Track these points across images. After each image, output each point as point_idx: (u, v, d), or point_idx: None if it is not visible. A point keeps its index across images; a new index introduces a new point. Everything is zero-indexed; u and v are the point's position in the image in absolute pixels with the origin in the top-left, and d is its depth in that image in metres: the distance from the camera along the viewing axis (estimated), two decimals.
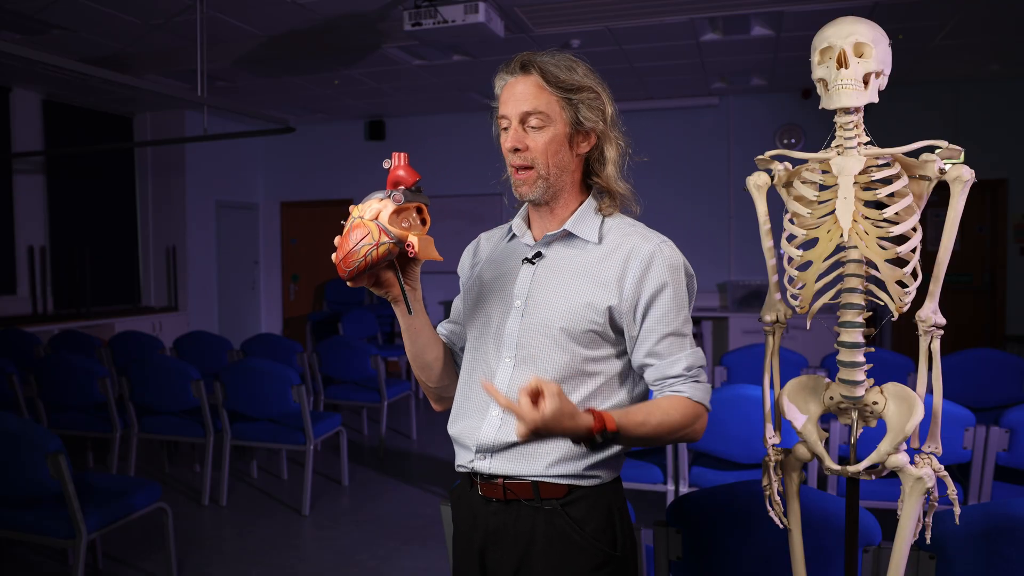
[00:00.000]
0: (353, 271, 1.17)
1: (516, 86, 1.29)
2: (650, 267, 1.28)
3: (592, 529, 1.29)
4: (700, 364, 1.30)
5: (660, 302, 1.28)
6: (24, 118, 6.71)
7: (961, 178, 1.27)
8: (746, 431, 2.89)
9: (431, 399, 1.50)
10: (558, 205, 1.35)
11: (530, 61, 1.29)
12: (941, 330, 1.34)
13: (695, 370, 1.29)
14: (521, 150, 1.29)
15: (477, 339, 1.39)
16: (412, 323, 1.35)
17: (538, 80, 1.28)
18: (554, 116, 1.29)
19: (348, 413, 6.26)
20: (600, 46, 5.54)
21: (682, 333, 1.29)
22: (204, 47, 4.83)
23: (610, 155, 1.35)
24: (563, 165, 1.32)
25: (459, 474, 1.41)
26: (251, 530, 3.85)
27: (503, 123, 1.32)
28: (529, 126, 1.29)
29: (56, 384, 4.25)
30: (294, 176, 8.93)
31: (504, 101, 1.31)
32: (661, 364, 1.29)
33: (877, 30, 1.31)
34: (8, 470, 2.66)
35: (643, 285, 1.28)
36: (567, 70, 1.29)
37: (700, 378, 1.30)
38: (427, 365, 1.42)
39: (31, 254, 6.79)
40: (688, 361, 1.29)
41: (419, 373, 1.44)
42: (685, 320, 1.30)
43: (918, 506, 1.34)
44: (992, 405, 3.59)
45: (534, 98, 1.28)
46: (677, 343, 1.29)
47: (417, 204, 1.21)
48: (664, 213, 6.99)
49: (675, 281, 1.29)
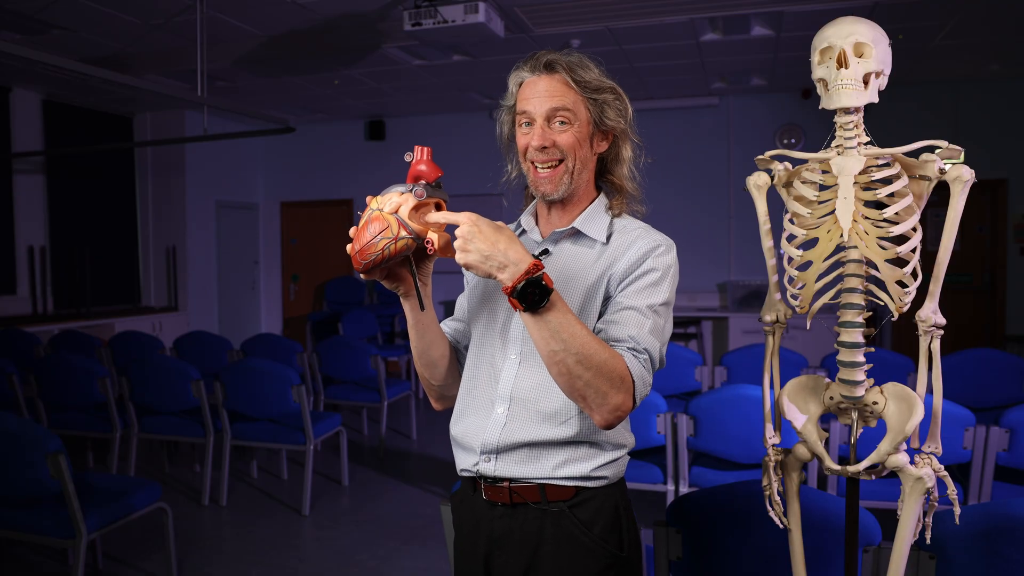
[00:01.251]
0: (369, 264, 1.14)
1: (540, 84, 1.29)
2: (647, 256, 1.28)
3: (600, 530, 1.28)
4: (649, 349, 1.21)
5: (640, 281, 1.26)
6: (24, 118, 6.71)
7: (961, 178, 1.27)
8: (746, 431, 2.89)
9: (432, 398, 1.47)
10: (571, 203, 1.36)
11: (556, 60, 1.29)
12: (941, 330, 1.34)
13: (641, 350, 1.21)
14: (548, 147, 1.28)
15: (482, 336, 1.38)
16: (421, 319, 1.33)
17: (565, 79, 1.28)
18: (579, 115, 1.29)
19: (348, 413, 6.26)
20: (600, 46, 5.54)
21: (645, 314, 1.24)
22: (204, 47, 4.83)
23: (626, 155, 1.36)
24: (584, 162, 1.32)
25: (461, 478, 1.39)
26: (251, 530, 3.85)
27: (523, 119, 1.31)
28: (555, 124, 1.28)
29: (56, 384, 4.25)
30: (294, 176, 8.93)
31: (526, 98, 1.30)
32: (611, 329, 1.23)
33: (877, 30, 1.31)
34: (8, 470, 2.66)
35: (633, 268, 1.28)
36: (588, 70, 1.30)
37: (643, 361, 1.21)
38: (432, 363, 1.40)
39: (31, 254, 6.79)
40: (637, 334, 1.21)
41: (423, 371, 1.42)
42: (653, 308, 1.25)
43: (918, 506, 1.34)
44: (992, 405, 3.59)
45: (562, 96, 1.28)
46: (636, 319, 1.23)
47: (436, 200, 1.19)
48: (664, 213, 7.00)
49: (662, 274, 1.27)
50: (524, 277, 1.08)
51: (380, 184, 1.22)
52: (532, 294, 1.08)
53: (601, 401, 1.15)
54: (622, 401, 1.16)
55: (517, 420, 1.29)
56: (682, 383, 4.14)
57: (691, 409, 3.03)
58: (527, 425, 1.28)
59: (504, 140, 1.40)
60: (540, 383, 1.29)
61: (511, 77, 1.34)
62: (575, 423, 1.27)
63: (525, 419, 1.28)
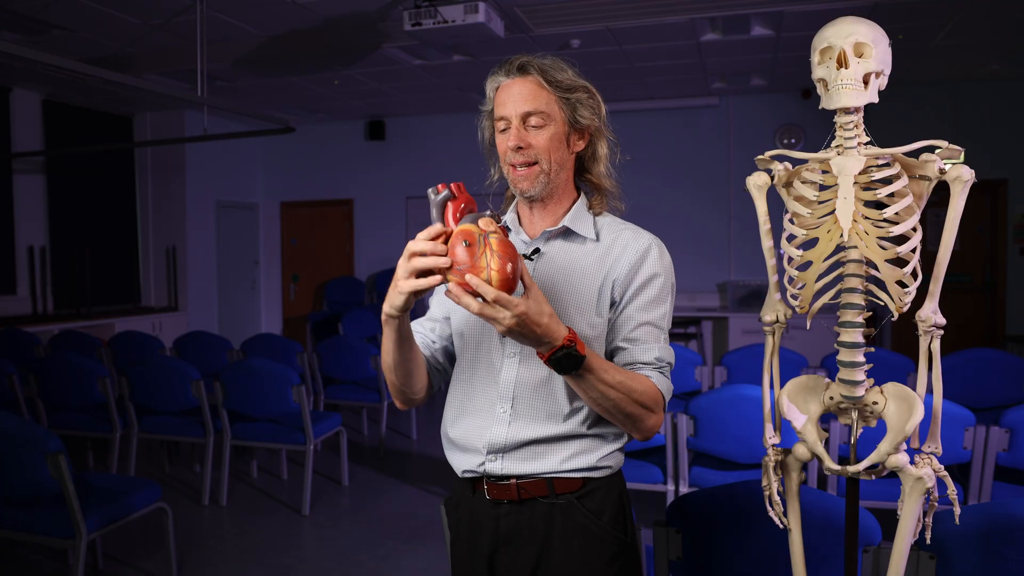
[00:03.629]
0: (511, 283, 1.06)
1: (514, 87, 1.31)
2: (645, 258, 1.32)
3: (608, 518, 1.32)
4: (670, 360, 1.32)
5: (647, 292, 1.32)
6: (24, 118, 6.72)
7: (961, 178, 1.27)
8: (746, 431, 2.89)
9: (399, 400, 1.39)
10: (552, 202, 1.38)
11: (528, 63, 1.31)
12: (941, 330, 1.34)
13: (664, 365, 1.31)
14: (524, 148, 1.30)
15: (478, 337, 1.37)
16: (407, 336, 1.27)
17: (538, 80, 1.30)
18: (554, 115, 1.31)
19: (348, 413, 6.26)
20: (600, 46, 5.54)
21: (659, 326, 1.32)
22: (204, 47, 4.83)
23: (602, 152, 1.39)
24: (562, 162, 1.35)
25: (457, 481, 1.39)
26: (251, 530, 3.85)
27: (501, 124, 1.33)
28: (530, 125, 1.30)
29: (56, 384, 4.25)
30: (294, 176, 8.93)
31: (502, 102, 1.32)
32: (634, 349, 1.30)
33: (877, 30, 1.31)
34: (8, 470, 2.66)
35: (635, 274, 1.32)
36: (561, 71, 1.33)
37: (666, 373, 1.32)
38: (409, 372, 1.33)
39: (31, 254, 6.79)
40: (660, 353, 1.31)
41: (398, 381, 1.33)
42: (663, 315, 1.33)
43: (918, 506, 1.34)
44: (992, 405, 3.59)
45: (535, 98, 1.30)
46: (653, 334, 1.31)
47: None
48: (664, 213, 7.00)
49: (665, 276, 1.33)
50: (557, 349, 1.13)
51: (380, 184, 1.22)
52: (567, 364, 1.15)
53: (640, 425, 1.26)
54: (657, 420, 1.28)
55: (522, 418, 1.30)
56: (682, 383, 4.14)
57: (691, 409, 3.03)
58: (532, 423, 1.30)
59: (486, 145, 1.42)
60: (542, 380, 1.30)
61: (488, 83, 1.36)
62: (579, 417, 1.30)
63: (529, 417, 1.30)
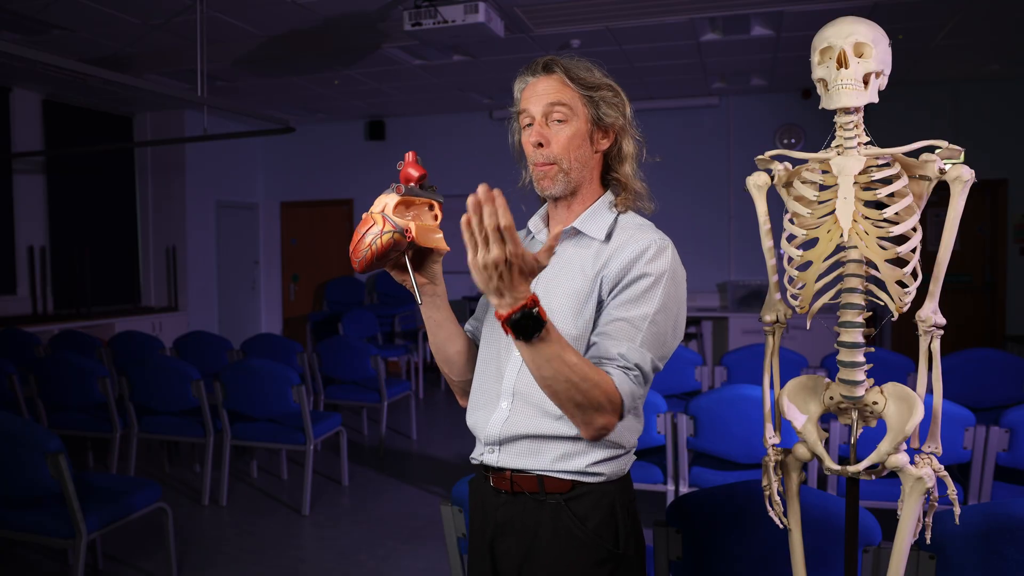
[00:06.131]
0: (361, 261, 1.24)
1: (539, 85, 1.34)
2: (638, 258, 1.28)
3: (594, 525, 1.30)
4: (639, 363, 1.22)
5: (630, 290, 1.26)
6: (24, 118, 6.71)
7: (961, 178, 1.27)
8: (746, 431, 2.89)
9: (457, 393, 1.54)
10: (576, 201, 1.38)
11: (553, 61, 1.34)
12: (941, 330, 1.34)
13: (630, 365, 1.22)
14: (544, 145, 1.32)
15: (491, 334, 1.42)
16: (432, 315, 1.40)
17: (561, 77, 1.33)
18: (576, 111, 1.33)
19: (348, 413, 6.26)
20: (600, 46, 5.54)
21: (636, 325, 1.24)
22: (204, 47, 4.83)
23: (627, 151, 1.39)
24: (584, 160, 1.35)
25: (474, 466, 1.45)
26: (251, 530, 3.85)
27: (525, 120, 1.35)
28: (553, 120, 1.32)
29: (56, 384, 4.25)
30: (294, 176, 8.92)
31: (526, 99, 1.34)
32: (601, 343, 1.24)
33: (877, 30, 1.31)
34: (8, 470, 2.66)
35: (625, 273, 1.28)
36: (586, 70, 1.35)
37: (633, 377, 1.22)
38: (449, 359, 1.47)
39: (31, 254, 6.79)
40: (627, 351, 1.22)
41: (442, 366, 1.49)
42: (645, 316, 1.24)
43: (918, 506, 1.34)
44: (992, 405, 3.59)
45: (557, 92, 1.32)
46: (626, 331, 1.23)
47: (428, 201, 1.31)
48: (664, 213, 6.93)
49: (655, 280, 1.26)
50: (518, 309, 1.08)
51: (380, 184, 1.27)
52: (525, 326, 1.09)
53: (588, 421, 1.20)
54: (607, 422, 1.20)
55: (519, 414, 1.32)
56: (682, 383, 4.14)
57: (691, 409, 3.03)
58: (528, 419, 1.31)
59: (516, 148, 1.43)
60: None
61: (516, 84, 1.39)
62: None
63: (527, 413, 1.32)
